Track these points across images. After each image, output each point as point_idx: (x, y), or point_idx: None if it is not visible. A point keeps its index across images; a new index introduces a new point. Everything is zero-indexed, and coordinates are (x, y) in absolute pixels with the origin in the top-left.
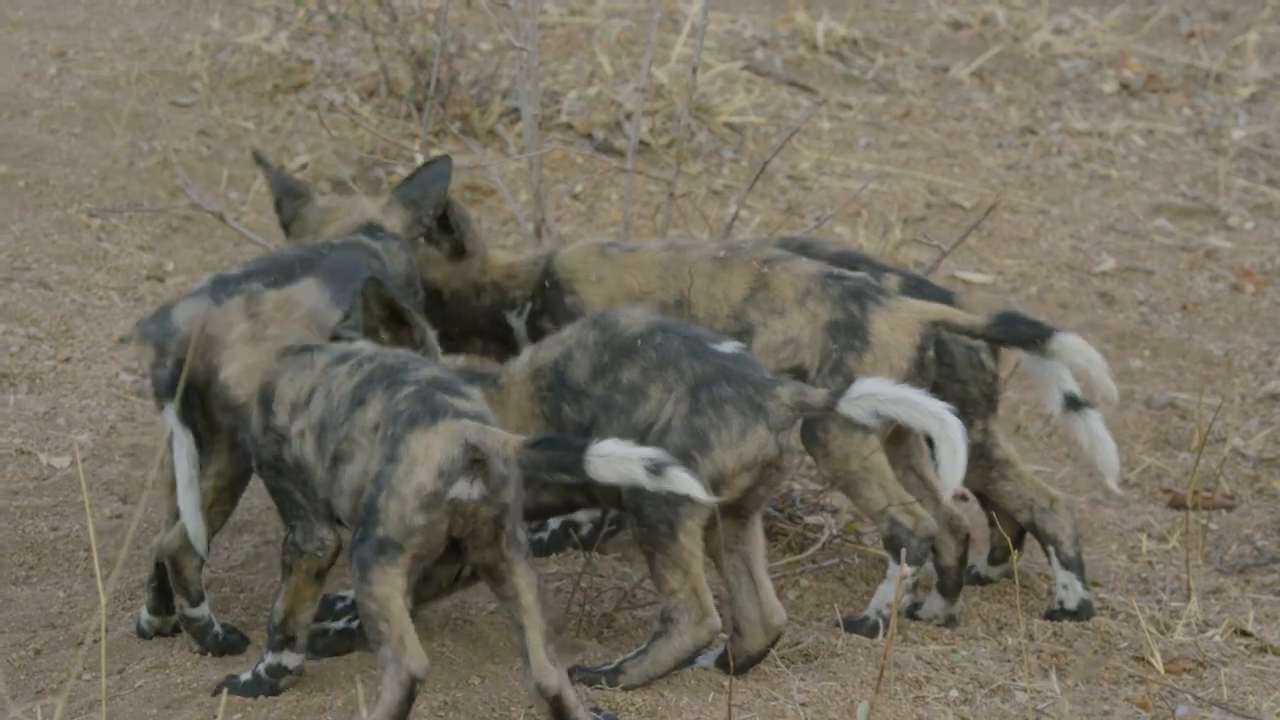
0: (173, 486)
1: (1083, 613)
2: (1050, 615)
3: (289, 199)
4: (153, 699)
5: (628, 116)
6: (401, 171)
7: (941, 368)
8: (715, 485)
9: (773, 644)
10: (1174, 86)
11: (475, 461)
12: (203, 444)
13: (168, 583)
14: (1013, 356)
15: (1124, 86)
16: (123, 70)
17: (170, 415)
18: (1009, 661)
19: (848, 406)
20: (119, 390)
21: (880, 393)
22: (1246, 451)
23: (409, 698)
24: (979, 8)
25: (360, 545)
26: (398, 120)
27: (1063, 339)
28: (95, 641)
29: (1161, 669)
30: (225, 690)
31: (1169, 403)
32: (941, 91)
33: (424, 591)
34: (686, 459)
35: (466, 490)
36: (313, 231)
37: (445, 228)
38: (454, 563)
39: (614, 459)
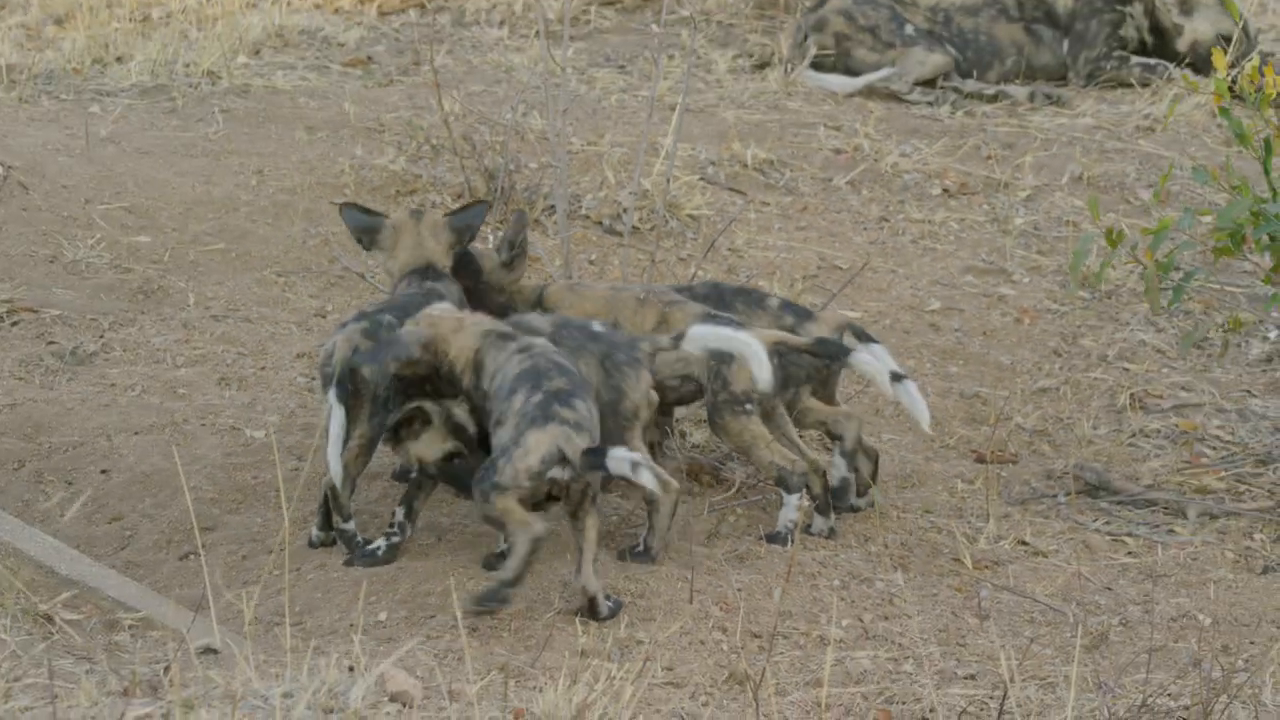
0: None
1: (841, 489)
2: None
3: (365, 234)
4: (318, 587)
5: (625, 210)
6: (479, 246)
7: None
8: (634, 414)
9: (678, 496)
10: (977, 191)
11: (563, 458)
12: (351, 417)
13: (330, 508)
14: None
15: (945, 191)
16: (299, 181)
17: (331, 395)
18: (872, 561)
19: (687, 345)
20: (296, 388)
21: (706, 333)
22: (1025, 425)
23: (533, 550)
24: (852, 140)
25: (481, 482)
26: None
27: (855, 356)
28: (281, 549)
29: (970, 566)
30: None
31: (975, 394)
32: (828, 194)
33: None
34: (613, 404)
35: (559, 473)
36: (388, 248)
37: (514, 248)
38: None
39: (617, 459)
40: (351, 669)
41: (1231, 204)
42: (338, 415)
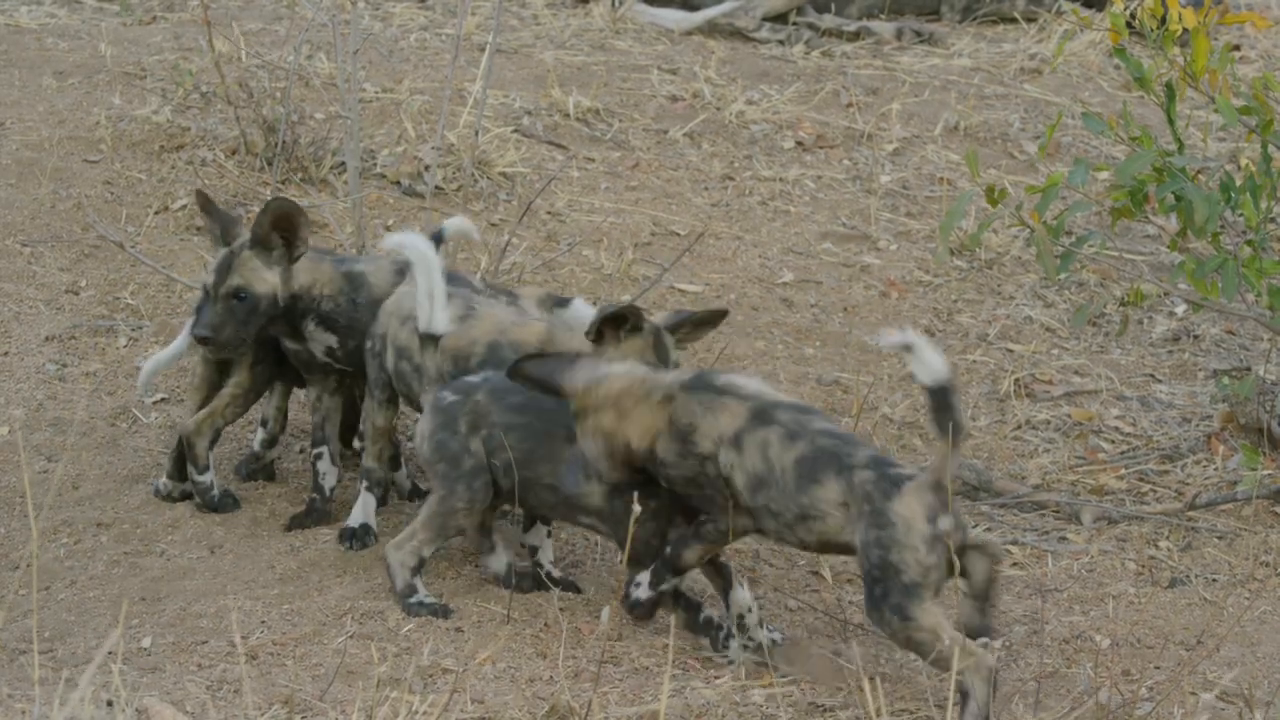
0: (197, 388)
1: None
2: None
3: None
4: (71, 609)
5: (427, 168)
6: (255, 210)
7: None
8: None
9: None
10: (836, 144)
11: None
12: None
13: (184, 457)
14: (715, 346)
15: (799, 144)
16: (47, 136)
17: (188, 326)
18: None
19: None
20: (45, 377)
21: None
22: (893, 417)
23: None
24: (690, 85)
25: (887, 598)
26: (253, 172)
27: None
28: (28, 565)
29: (830, 579)
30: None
31: (834, 381)
32: (662, 148)
33: None
34: None
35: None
36: None
37: None
38: None
39: None
40: (110, 703)
41: (1131, 158)
42: (180, 342)
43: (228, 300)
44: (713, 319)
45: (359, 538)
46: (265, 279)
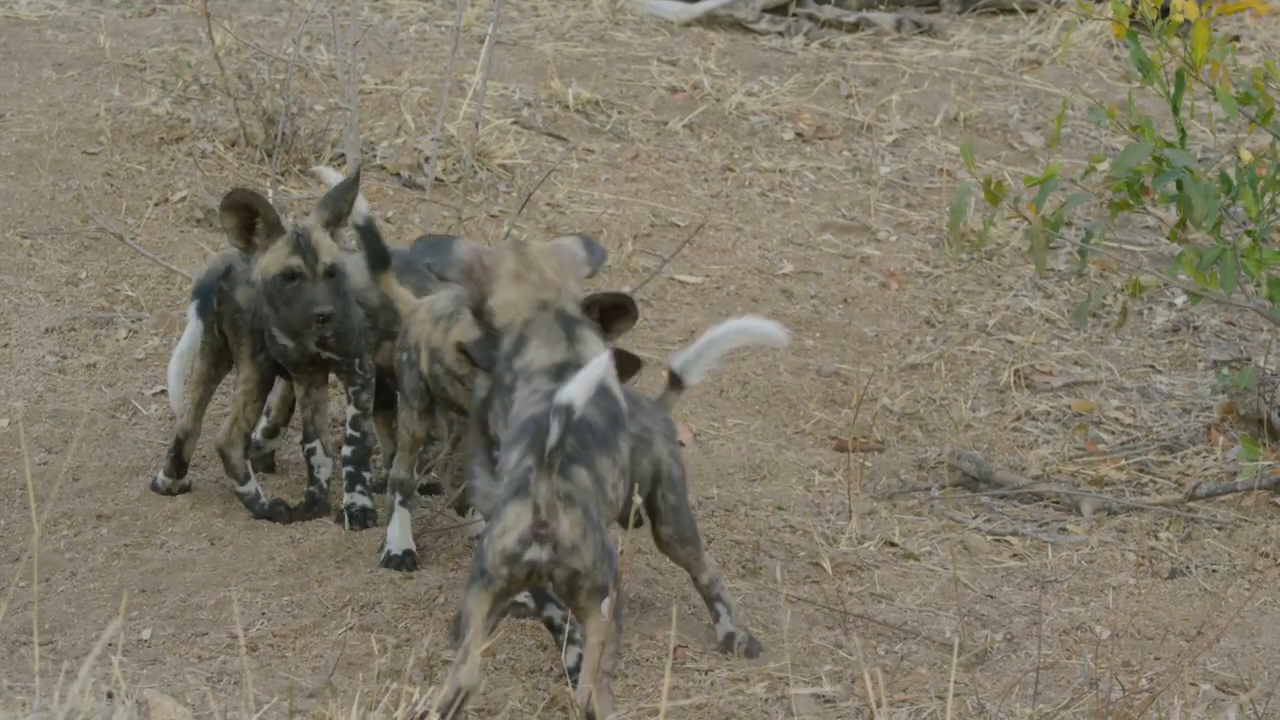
0: (196, 384)
1: None
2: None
3: None
4: (71, 600)
5: (426, 160)
6: None
7: None
8: None
9: None
10: (836, 135)
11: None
12: (236, 356)
13: (183, 453)
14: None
15: (799, 135)
16: (46, 128)
17: (191, 311)
18: (725, 567)
19: None
20: (45, 369)
21: None
22: (893, 408)
23: (454, 701)
24: (690, 76)
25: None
26: (253, 164)
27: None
28: (29, 557)
29: (831, 571)
30: None
31: (834, 372)
32: (662, 139)
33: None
34: None
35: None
36: None
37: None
38: None
39: None
40: (110, 695)
41: (1128, 150)
42: (191, 329)
43: (327, 278)
44: None
45: (406, 564)
46: (337, 253)
